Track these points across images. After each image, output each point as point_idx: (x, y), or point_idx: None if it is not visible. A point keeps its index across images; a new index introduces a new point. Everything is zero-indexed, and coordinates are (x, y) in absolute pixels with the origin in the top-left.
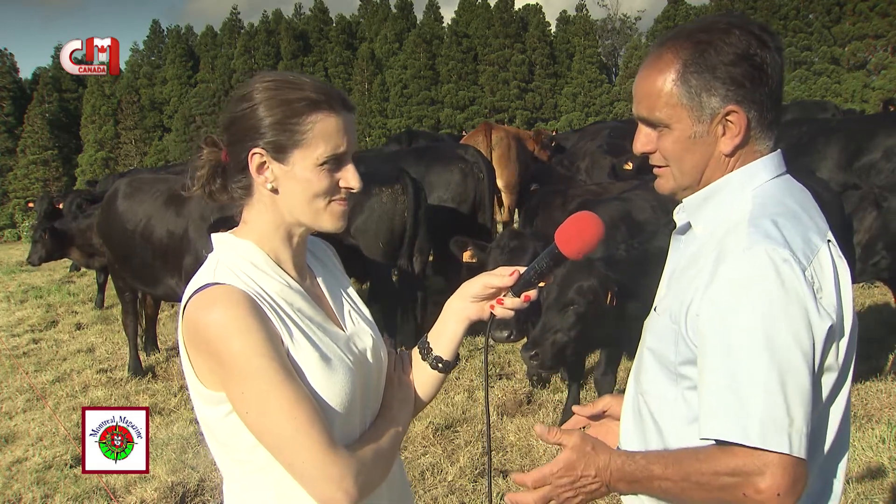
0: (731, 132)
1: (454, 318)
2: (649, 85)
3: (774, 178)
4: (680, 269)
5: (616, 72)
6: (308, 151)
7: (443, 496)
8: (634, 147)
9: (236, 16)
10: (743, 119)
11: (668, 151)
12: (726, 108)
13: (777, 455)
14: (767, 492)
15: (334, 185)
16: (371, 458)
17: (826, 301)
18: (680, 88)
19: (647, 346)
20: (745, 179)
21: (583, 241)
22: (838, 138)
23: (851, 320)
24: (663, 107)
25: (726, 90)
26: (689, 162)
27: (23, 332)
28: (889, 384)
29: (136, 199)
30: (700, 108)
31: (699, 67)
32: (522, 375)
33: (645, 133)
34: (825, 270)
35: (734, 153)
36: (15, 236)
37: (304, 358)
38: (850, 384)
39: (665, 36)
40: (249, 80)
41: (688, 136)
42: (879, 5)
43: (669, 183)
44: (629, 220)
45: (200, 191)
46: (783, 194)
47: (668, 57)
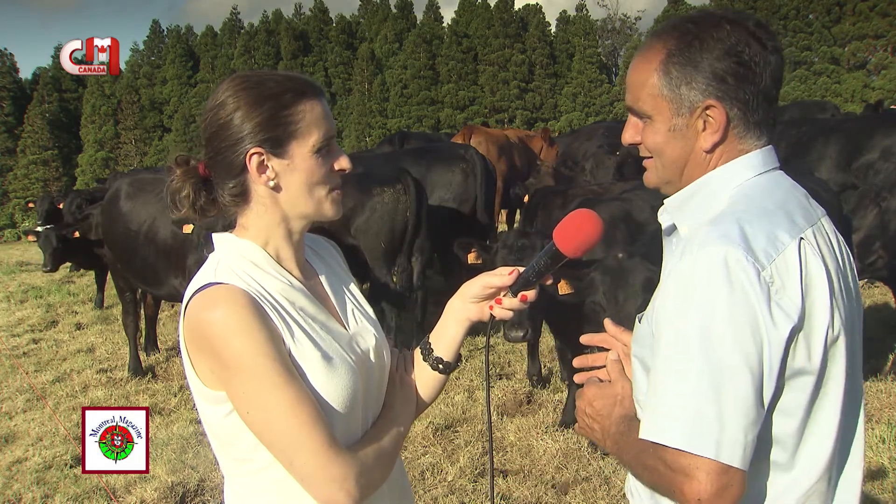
0: (711, 128)
1: (454, 320)
2: (636, 74)
3: (758, 176)
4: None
5: (616, 72)
6: (304, 140)
7: (443, 496)
8: (623, 138)
9: (236, 16)
10: (722, 115)
11: (649, 143)
12: (705, 103)
13: (703, 460)
14: (689, 494)
15: (330, 169)
16: (373, 459)
17: (786, 301)
18: (661, 79)
19: (634, 355)
20: (725, 178)
21: (581, 239)
22: (837, 138)
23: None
24: (646, 97)
25: (707, 84)
26: (668, 155)
27: (23, 332)
28: (889, 384)
29: (139, 200)
30: (679, 101)
31: (682, 59)
32: (522, 375)
33: (633, 124)
34: (790, 269)
35: (713, 149)
36: (15, 236)
37: (306, 357)
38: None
39: (660, 26)
40: (215, 89)
41: (667, 129)
42: (879, 5)
43: (653, 176)
44: (629, 220)
45: (190, 211)
46: (761, 192)
47: (656, 47)
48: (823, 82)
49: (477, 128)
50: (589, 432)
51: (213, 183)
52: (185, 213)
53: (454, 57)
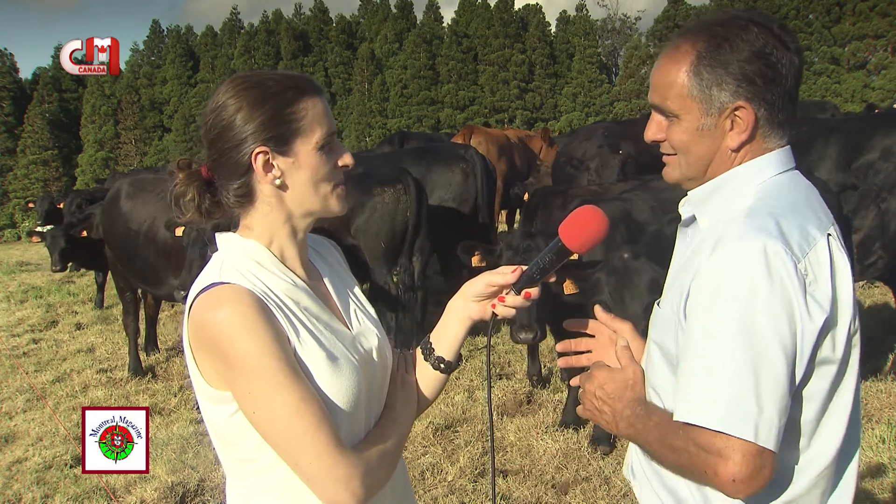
0: (739, 128)
1: (456, 319)
2: (664, 74)
3: (780, 174)
4: (683, 262)
5: (616, 72)
6: (308, 137)
7: (443, 496)
8: (645, 135)
9: (236, 16)
10: (751, 115)
11: (675, 141)
12: (735, 104)
13: (740, 441)
14: (724, 476)
15: (334, 166)
16: (377, 459)
17: (819, 293)
18: (692, 80)
19: (652, 340)
20: (750, 174)
21: (587, 234)
22: (837, 138)
23: (850, 314)
24: (675, 97)
25: (737, 86)
26: (695, 153)
27: (23, 332)
28: (889, 384)
29: (140, 200)
30: (709, 102)
31: (713, 61)
32: (522, 375)
33: (657, 121)
34: (821, 263)
35: (740, 148)
36: (15, 236)
37: (311, 357)
38: (855, 381)
39: (686, 26)
40: (215, 91)
41: (696, 128)
42: (879, 5)
43: (676, 172)
44: (629, 220)
45: (195, 215)
46: (787, 189)
47: (684, 48)
48: (823, 82)
49: (477, 128)
50: (597, 415)
51: (217, 185)
52: (191, 217)
53: (454, 57)
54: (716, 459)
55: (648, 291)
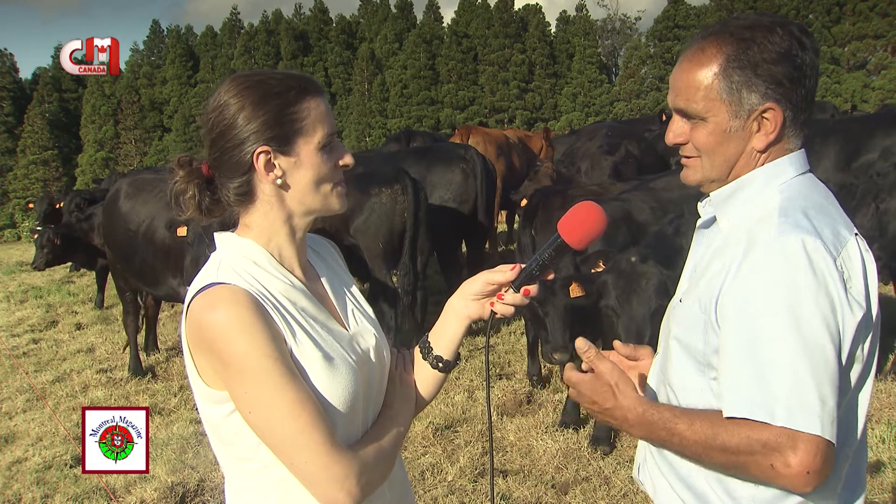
0: (766, 129)
1: (455, 318)
2: (690, 77)
3: (800, 175)
4: (705, 262)
5: (616, 72)
6: (309, 137)
7: (443, 496)
8: (667, 137)
9: (236, 16)
10: (779, 117)
11: (701, 143)
12: (764, 106)
13: (809, 435)
14: (798, 467)
15: (335, 165)
16: (373, 458)
17: (855, 291)
18: (721, 83)
19: (673, 337)
20: (772, 175)
21: (587, 229)
22: (836, 138)
23: (877, 313)
24: (702, 99)
25: (766, 88)
26: (721, 155)
27: (23, 332)
28: (889, 384)
29: (139, 200)
30: (739, 104)
31: (742, 63)
32: (522, 375)
33: (679, 124)
34: (854, 261)
35: (766, 150)
36: (15, 236)
37: (308, 357)
38: (873, 378)
39: (708, 30)
40: (216, 89)
41: (723, 130)
42: (879, 5)
43: (697, 174)
44: (629, 220)
45: (195, 213)
46: (809, 190)
47: (711, 51)
48: (823, 82)
49: (474, 127)
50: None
51: (217, 183)
52: (191, 215)
53: (454, 57)
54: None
55: (657, 295)
